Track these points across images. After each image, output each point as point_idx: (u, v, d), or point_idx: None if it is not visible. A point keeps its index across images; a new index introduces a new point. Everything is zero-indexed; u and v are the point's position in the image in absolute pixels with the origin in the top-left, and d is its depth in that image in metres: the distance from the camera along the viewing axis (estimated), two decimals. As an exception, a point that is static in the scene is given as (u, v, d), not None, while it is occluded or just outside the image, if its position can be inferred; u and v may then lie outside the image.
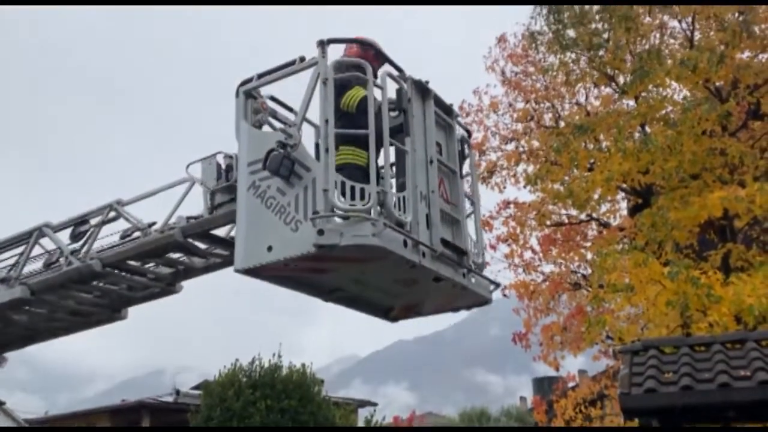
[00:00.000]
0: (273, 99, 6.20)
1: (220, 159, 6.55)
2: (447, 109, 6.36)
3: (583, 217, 15.56)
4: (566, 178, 14.26)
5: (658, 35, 15.15)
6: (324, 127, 5.13)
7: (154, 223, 7.37)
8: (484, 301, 6.63)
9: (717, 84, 13.68)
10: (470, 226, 6.52)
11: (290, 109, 6.25)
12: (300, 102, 5.63)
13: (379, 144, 5.36)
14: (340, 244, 4.94)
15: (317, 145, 5.41)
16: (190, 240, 7.13)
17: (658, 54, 13.53)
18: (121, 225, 7.82)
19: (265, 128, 6.03)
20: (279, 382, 15.93)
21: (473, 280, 6.26)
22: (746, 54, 13.48)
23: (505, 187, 16.26)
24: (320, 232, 4.94)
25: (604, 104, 15.75)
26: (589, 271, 14.82)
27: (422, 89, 5.94)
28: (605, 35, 14.84)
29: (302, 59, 5.57)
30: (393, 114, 5.69)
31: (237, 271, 5.54)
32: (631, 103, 14.70)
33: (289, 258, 5.19)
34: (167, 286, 8.19)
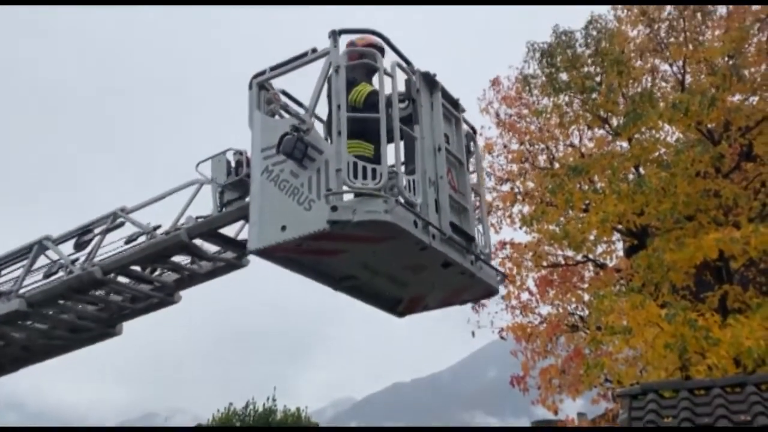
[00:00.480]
0: (284, 93, 6.29)
1: (230, 156, 6.61)
2: (454, 103, 6.42)
3: (579, 258, 15.53)
4: (562, 219, 14.29)
5: (649, 78, 15.39)
6: (336, 112, 5.27)
7: (159, 227, 7.27)
8: (491, 292, 6.63)
9: (709, 126, 13.84)
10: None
11: (300, 104, 6.33)
12: (310, 94, 5.75)
13: (389, 136, 5.40)
14: (353, 220, 5.00)
15: (325, 139, 5.58)
16: (197, 242, 7.01)
17: (650, 97, 13.76)
18: (128, 232, 7.61)
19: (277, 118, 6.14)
20: (274, 427, 15.66)
21: (481, 268, 6.24)
22: (737, 97, 13.68)
23: (501, 228, 16.27)
24: (333, 209, 5.03)
25: (598, 146, 15.90)
26: (587, 312, 14.73)
27: (430, 81, 6.04)
28: (598, 78, 15.09)
29: (314, 50, 5.71)
30: (402, 105, 5.76)
31: (251, 251, 5.58)
32: (625, 144, 14.86)
33: (303, 236, 5.23)
34: (166, 296, 8.01)
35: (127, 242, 7.48)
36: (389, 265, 5.90)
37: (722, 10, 15.09)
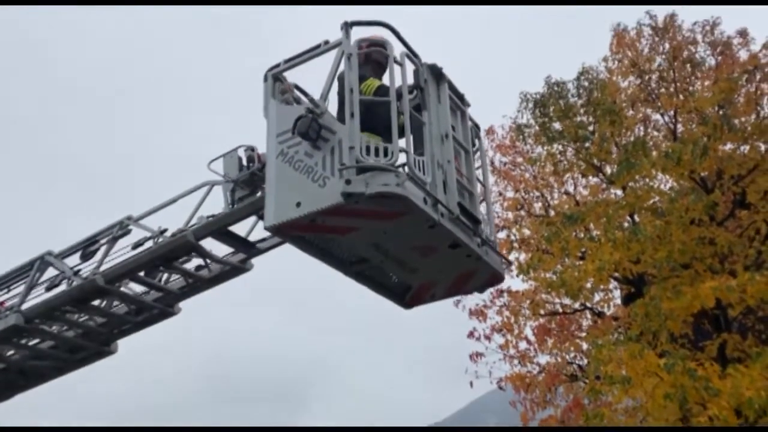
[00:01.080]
0: (296, 87, 6.45)
1: (241, 152, 6.80)
2: (460, 97, 6.62)
3: (577, 306, 15.46)
4: (558, 267, 14.26)
5: (642, 128, 15.62)
6: (349, 96, 5.49)
7: (166, 230, 7.28)
8: (497, 277, 6.71)
9: (702, 175, 13.96)
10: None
11: (312, 99, 6.54)
12: (322, 85, 5.94)
13: (399, 128, 5.61)
14: (367, 192, 5.18)
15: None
16: (206, 246, 7.05)
17: (643, 146, 13.90)
18: (137, 239, 7.58)
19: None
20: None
21: (487, 253, 6.37)
22: (728, 146, 13.84)
23: (497, 276, 16.19)
24: (347, 182, 5.22)
25: (593, 194, 16.01)
26: (586, 362, 14.58)
27: (437, 73, 6.26)
28: (590, 128, 15.29)
29: (326, 42, 5.97)
30: (410, 96, 5.95)
31: (267, 228, 5.71)
32: (619, 192, 14.95)
33: (318, 211, 5.39)
34: (167, 307, 7.97)
35: (135, 247, 7.48)
36: (399, 245, 6.05)
37: (711, 61, 15.45)
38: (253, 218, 7.18)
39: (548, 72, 15.92)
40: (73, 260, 7.97)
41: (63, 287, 7.72)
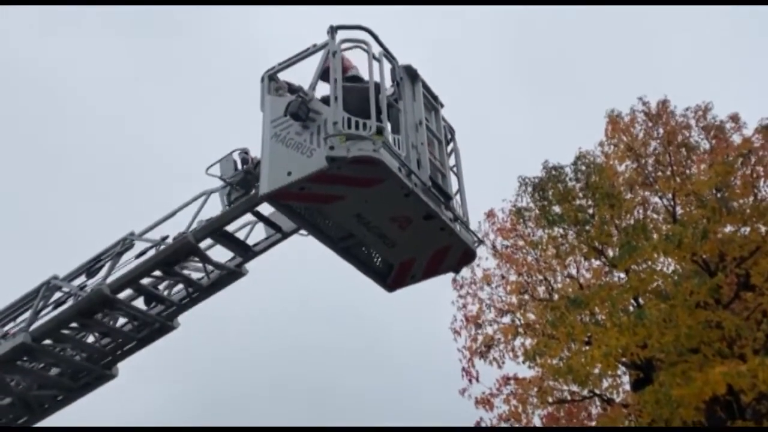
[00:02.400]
0: (287, 83, 7.14)
1: (236, 156, 7.44)
2: (434, 97, 7.25)
3: (585, 393, 15.08)
4: (565, 352, 14.04)
5: (641, 211, 15.70)
6: (333, 84, 6.21)
7: (167, 237, 7.64)
8: (469, 253, 7.22)
9: (704, 257, 13.94)
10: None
11: (301, 88, 7.06)
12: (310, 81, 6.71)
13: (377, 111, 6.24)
14: (348, 156, 5.87)
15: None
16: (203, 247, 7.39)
17: (643, 229, 13.98)
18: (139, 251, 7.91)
19: None
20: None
21: (459, 228, 6.95)
22: (729, 228, 13.90)
23: (503, 362, 15.92)
24: (331, 148, 5.92)
25: (596, 277, 15.93)
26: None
27: (412, 74, 6.93)
28: (590, 211, 15.39)
29: (314, 45, 6.78)
30: (389, 92, 6.64)
31: (262, 197, 6.39)
32: (622, 275, 14.89)
33: (306, 176, 6.06)
34: (166, 322, 8.28)
35: (138, 257, 7.80)
36: (378, 216, 6.69)
37: (705, 144, 15.74)
38: (248, 228, 7.95)
39: (542, 155, 16.20)
40: (78, 282, 8.26)
41: (70, 303, 7.97)
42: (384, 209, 6.59)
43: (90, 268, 8.18)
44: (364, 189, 6.33)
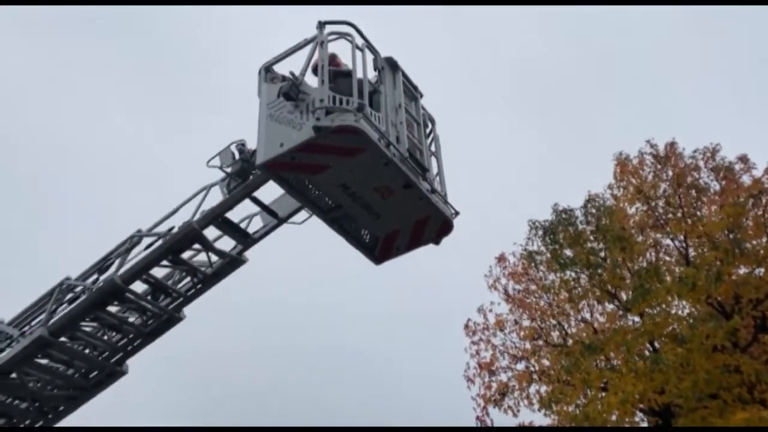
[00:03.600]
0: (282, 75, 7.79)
1: (233, 148, 8.10)
2: (414, 86, 7.87)
3: (603, 441, 14.70)
4: (581, 399, 13.77)
5: (653, 253, 15.57)
6: (321, 69, 6.91)
7: (172, 228, 8.15)
8: (447, 224, 7.74)
9: (719, 299, 13.75)
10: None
11: (293, 73, 7.64)
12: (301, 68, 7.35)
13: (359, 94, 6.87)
14: (332, 125, 6.56)
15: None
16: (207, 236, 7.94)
17: (656, 271, 13.80)
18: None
19: None
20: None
21: (437, 199, 7.52)
22: (743, 269, 13.74)
23: (518, 410, 15.62)
24: (317, 119, 6.61)
25: (610, 320, 15.71)
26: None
27: (392, 64, 7.61)
28: (602, 254, 15.27)
29: (305, 39, 7.38)
30: (372, 81, 7.33)
31: (257, 166, 7.11)
32: (637, 319, 14.68)
33: (296, 146, 6.75)
34: (174, 313, 8.76)
35: (147, 248, 8.31)
36: (362, 186, 7.32)
37: (715, 186, 15.70)
38: (247, 222, 8.60)
39: (551, 198, 16.18)
40: (90, 280, 8.67)
41: (85, 296, 8.39)
42: (367, 179, 7.25)
43: (101, 266, 8.76)
44: (348, 158, 6.99)
